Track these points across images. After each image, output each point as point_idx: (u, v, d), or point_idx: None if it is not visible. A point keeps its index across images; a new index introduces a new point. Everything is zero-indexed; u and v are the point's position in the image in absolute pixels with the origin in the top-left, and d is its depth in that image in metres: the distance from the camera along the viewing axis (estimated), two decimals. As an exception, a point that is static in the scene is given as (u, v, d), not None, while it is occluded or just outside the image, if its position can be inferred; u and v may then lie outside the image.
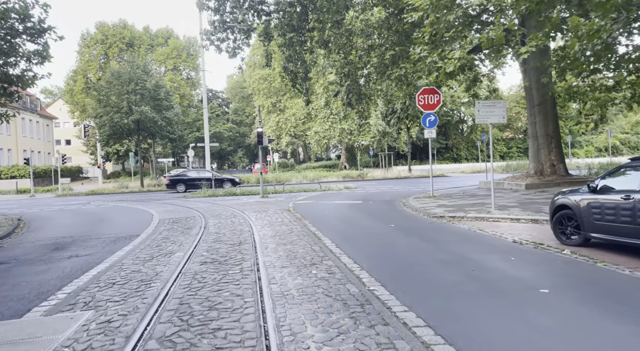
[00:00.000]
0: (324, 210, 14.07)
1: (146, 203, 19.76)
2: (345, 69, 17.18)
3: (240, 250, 7.83)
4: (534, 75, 17.36)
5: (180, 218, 13.24)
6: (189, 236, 9.79)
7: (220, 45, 17.65)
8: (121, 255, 7.94)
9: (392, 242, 8.34)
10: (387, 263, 6.60)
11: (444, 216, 11.46)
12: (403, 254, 7.21)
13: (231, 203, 17.76)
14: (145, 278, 6.13)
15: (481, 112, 11.66)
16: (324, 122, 49.27)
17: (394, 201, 16.34)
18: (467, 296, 4.85)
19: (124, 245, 9.08)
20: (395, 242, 8.32)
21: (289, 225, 10.91)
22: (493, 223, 10.27)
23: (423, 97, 16.08)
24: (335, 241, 8.46)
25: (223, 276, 6.04)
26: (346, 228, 10.30)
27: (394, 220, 11.39)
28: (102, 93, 29.81)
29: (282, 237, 9.05)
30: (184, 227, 11.29)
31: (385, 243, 8.23)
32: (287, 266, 6.42)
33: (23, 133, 53.02)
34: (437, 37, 11.67)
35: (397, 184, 27.18)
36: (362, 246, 7.98)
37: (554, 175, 17.19)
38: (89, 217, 15.17)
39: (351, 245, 8.01)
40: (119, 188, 31.77)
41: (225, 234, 9.79)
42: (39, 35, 15.61)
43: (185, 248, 8.24)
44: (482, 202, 13.51)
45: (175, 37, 71.97)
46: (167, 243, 8.94)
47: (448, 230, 9.42)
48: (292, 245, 8.11)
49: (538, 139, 17.54)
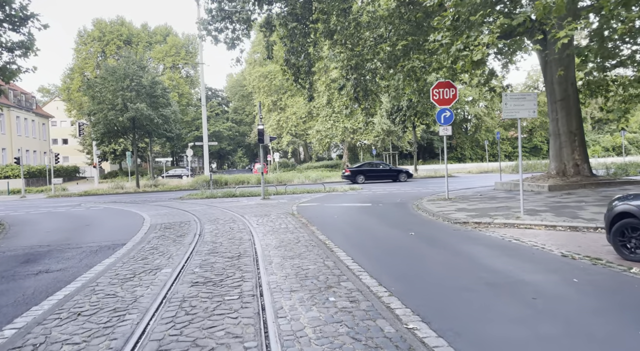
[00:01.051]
0: (331, 214, 12.84)
1: (140, 206, 18.53)
2: (353, 61, 15.94)
3: (240, 266, 6.60)
4: (556, 68, 16.13)
5: (173, 223, 12.01)
6: (181, 246, 8.56)
7: (218, 36, 16.41)
8: (99, 271, 6.71)
9: (417, 255, 7.10)
10: (420, 285, 5.37)
11: (467, 222, 10.24)
12: (436, 273, 5.98)
13: (230, 206, 16.54)
14: (120, 306, 4.89)
15: (509, 106, 10.44)
16: (326, 120, 48.04)
17: (406, 204, 15.12)
18: (547, 343, 3.62)
19: (105, 257, 7.85)
20: (421, 255, 7.08)
21: (295, 232, 9.68)
22: (526, 230, 9.04)
23: (438, 91, 14.83)
24: (350, 253, 7.24)
25: (218, 304, 4.81)
26: (360, 237, 9.07)
27: (411, 226, 10.17)
28: (95, 89, 28.54)
29: (287, 248, 7.82)
30: (176, 234, 10.06)
31: (410, 257, 7.00)
32: (298, 290, 5.19)
33: (18, 132, 51.76)
34: (460, 22, 10.44)
35: (404, 185, 25.95)
36: (383, 260, 6.76)
37: (578, 175, 15.96)
38: (75, 221, 13.94)
39: (370, 259, 6.79)
40: (113, 188, 30.53)
41: (223, 244, 8.57)
42: (21, 24, 14.42)
43: (174, 263, 7.01)
44: (506, 206, 12.28)
45: (174, 35, 70.75)
46: (154, 255, 7.71)
47: (478, 240, 8.19)
48: (301, 259, 6.89)
49: (560, 137, 16.31)
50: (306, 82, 18.97)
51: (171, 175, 50.28)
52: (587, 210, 10.72)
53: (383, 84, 20.04)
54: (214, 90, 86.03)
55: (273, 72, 51.81)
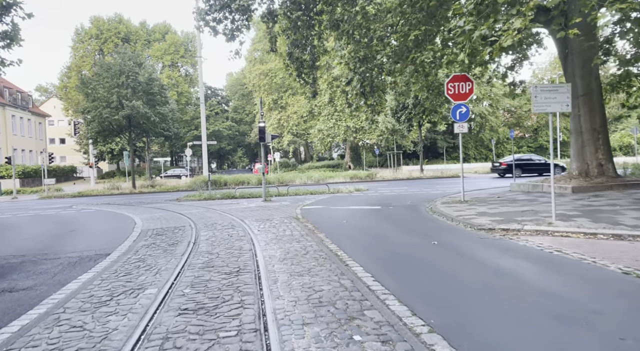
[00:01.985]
0: (339, 219, 11.77)
1: (133, 208, 17.46)
2: (361, 52, 14.86)
3: (239, 286, 5.53)
4: (578, 60, 15.07)
5: (166, 229, 10.94)
6: (172, 257, 7.49)
7: (216, 27, 15.31)
8: (72, 291, 5.65)
9: (448, 272, 6.03)
10: (465, 317, 4.29)
11: (493, 228, 9.16)
12: (479, 297, 4.90)
13: (229, 209, 15.47)
14: (85, 346, 3.82)
15: (539, 99, 9.36)
16: (328, 119, 46.96)
17: (418, 206, 14.05)
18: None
19: (84, 271, 6.78)
20: (453, 272, 6.01)
21: (301, 240, 8.61)
22: (563, 239, 7.97)
23: (453, 85, 13.76)
24: (369, 268, 6.17)
25: (210, 345, 3.73)
26: (375, 246, 8.00)
27: (430, 233, 9.09)
28: (90, 86, 27.45)
29: (294, 261, 6.75)
30: (168, 243, 8.99)
31: (441, 274, 5.92)
32: (312, 323, 4.12)
33: (13, 131, 50.71)
34: (484, 5, 9.37)
35: (411, 185, 24.88)
36: (409, 278, 5.69)
37: (602, 176, 14.89)
38: (61, 226, 12.87)
39: (393, 276, 5.72)
40: (109, 189, 29.46)
41: (220, 255, 7.49)
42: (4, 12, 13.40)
43: (162, 280, 5.94)
44: (531, 210, 11.20)
45: (173, 33, 69.71)
46: (140, 270, 6.64)
47: (514, 251, 7.11)
48: (312, 277, 5.81)
49: (582, 135, 15.22)
50: (310, 77, 17.89)
51: (170, 175, 49.23)
52: (625, 215, 9.65)
53: (389, 80, 18.97)
54: (213, 89, 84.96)
55: (274, 70, 50.72)
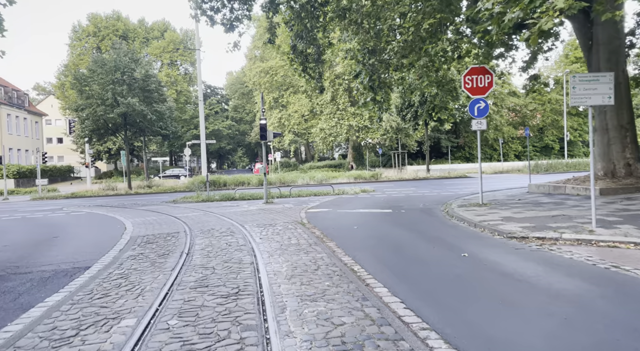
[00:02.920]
0: (349, 224, 10.69)
1: (126, 211, 16.38)
2: (370, 42, 13.77)
3: (238, 316, 4.44)
4: (604, 52, 14.00)
5: (158, 236, 9.86)
6: (161, 272, 6.41)
7: (213, 16, 14.23)
8: (32, 320, 4.56)
9: (497, 297, 4.92)
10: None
11: (527, 236, 8.07)
12: (557, 337, 3.81)
13: (228, 212, 14.39)
14: None
15: (578, 90, 8.29)
16: (330, 118, 45.87)
17: (432, 210, 12.97)
18: None
19: (54, 291, 5.71)
20: (503, 298, 4.90)
21: (310, 251, 7.52)
22: (612, 250, 6.89)
23: (471, 78, 12.66)
24: (396, 291, 5.08)
25: None
26: (396, 260, 6.91)
27: (455, 242, 8.00)
28: (83, 83, 26.35)
29: (305, 280, 5.66)
30: (158, 253, 7.91)
31: (489, 300, 4.82)
32: (336, 381, 3.04)
33: (9, 130, 49.68)
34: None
35: (419, 186, 23.80)
36: (449, 306, 4.59)
37: (630, 177, 13.80)
38: (45, 231, 11.79)
39: (429, 302, 4.63)
40: (104, 190, 28.37)
41: (216, 270, 6.41)
42: (-19, 0, 12.35)
43: (143, 306, 4.85)
44: (563, 214, 10.10)
45: (172, 30, 68.68)
46: (120, 290, 5.56)
47: (563, 267, 6.01)
48: (327, 302, 4.73)
49: (608, 132, 14.14)
50: (315, 72, 16.82)
51: (168, 175, 48.13)
52: (675, 221, 8.57)
53: (397, 76, 17.90)
54: (213, 88, 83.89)
55: (274, 68, 49.62)
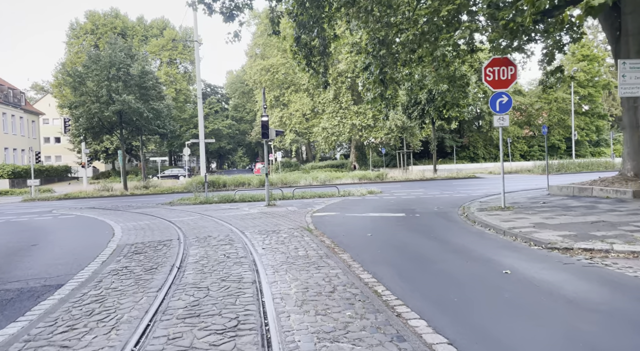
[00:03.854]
0: (361, 231, 9.60)
1: (118, 214, 15.31)
2: (382, 32, 12.70)
3: (236, 364, 3.36)
4: (634, 42, 12.90)
5: (148, 244, 8.78)
6: (144, 294, 5.33)
7: (212, 4, 13.17)
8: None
9: (575, 334, 3.84)
10: None
11: (571, 248, 6.99)
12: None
13: (228, 216, 13.31)
14: None
15: (628, 79, 7.23)
16: (333, 117, 44.79)
17: (449, 213, 11.89)
18: None
19: (10, 321, 4.65)
20: (581, 336, 3.82)
21: (321, 266, 6.44)
22: (680, 266, 5.81)
23: (492, 70, 11.56)
24: (438, 326, 4.00)
25: None
26: (426, 278, 5.81)
27: (488, 254, 6.92)
28: (77, 79, 25.28)
29: (319, 308, 4.58)
30: (144, 267, 6.83)
31: (568, 340, 3.74)
32: None
33: (4, 129, 48.59)
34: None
35: (428, 187, 22.70)
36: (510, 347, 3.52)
37: (664, 178, 12.74)
38: (25, 237, 10.71)
39: (491, 346, 3.55)
40: (99, 191, 27.29)
41: (211, 292, 5.33)
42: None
43: (115, 348, 3.77)
44: (603, 221, 9.01)
45: (171, 28, 67.69)
46: (90, 321, 4.48)
47: (630, 288, 4.93)
48: (352, 344, 3.64)
49: (639, 130, 13.07)
50: (320, 66, 15.75)
51: (167, 175, 47.03)
52: None
53: (405, 72, 16.83)
54: (213, 87, 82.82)
55: (275, 65, 48.55)
